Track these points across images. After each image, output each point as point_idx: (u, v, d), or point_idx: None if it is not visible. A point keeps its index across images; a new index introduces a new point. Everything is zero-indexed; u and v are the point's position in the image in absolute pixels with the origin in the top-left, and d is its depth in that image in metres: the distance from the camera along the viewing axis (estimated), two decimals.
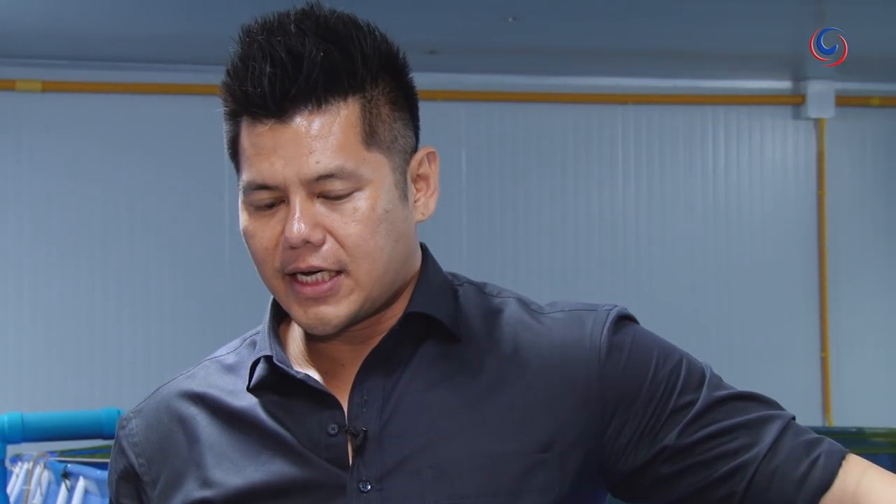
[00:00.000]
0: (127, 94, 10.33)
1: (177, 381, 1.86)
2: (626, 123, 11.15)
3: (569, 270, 10.73)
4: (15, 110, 10.15)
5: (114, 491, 1.85)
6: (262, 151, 1.68)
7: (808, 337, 11.24)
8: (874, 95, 11.36)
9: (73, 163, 10.21)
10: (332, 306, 1.70)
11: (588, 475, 1.75)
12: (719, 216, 11.21)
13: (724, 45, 10.27)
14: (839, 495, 1.69)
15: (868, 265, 11.37)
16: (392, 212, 1.70)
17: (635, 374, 1.75)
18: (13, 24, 9.31)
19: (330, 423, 1.73)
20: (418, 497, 1.70)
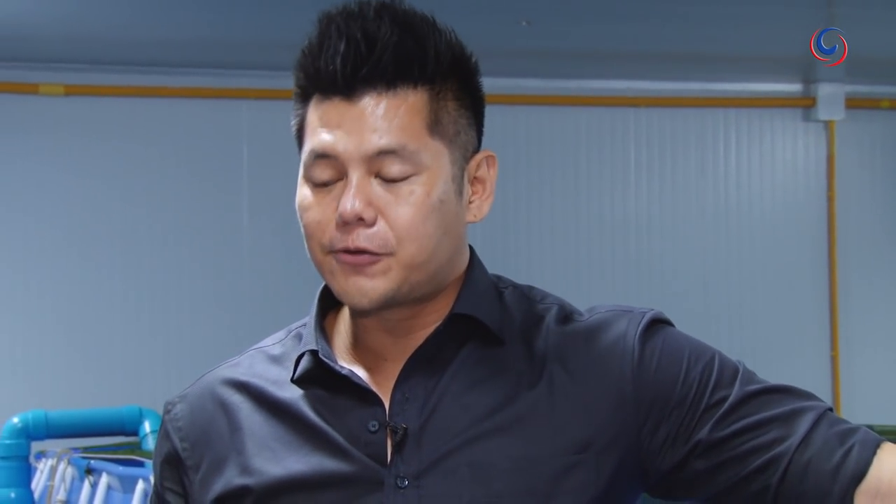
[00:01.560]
0: (146, 98, 10.35)
1: (221, 368, 1.86)
2: (639, 125, 11.15)
3: (582, 269, 10.74)
4: (38, 113, 10.18)
5: (157, 474, 1.85)
6: (328, 124, 1.68)
7: (818, 336, 11.25)
8: (884, 98, 11.37)
9: (95, 164, 10.23)
10: (370, 279, 1.69)
11: (624, 476, 1.74)
12: (730, 217, 11.21)
13: (734, 48, 10.27)
14: (875, 484, 1.67)
15: (877, 265, 11.38)
16: (446, 203, 1.70)
17: (668, 376, 1.74)
18: (36, 29, 9.33)
19: (371, 420, 1.73)
20: (454, 495, 1.70)
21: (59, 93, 10.22)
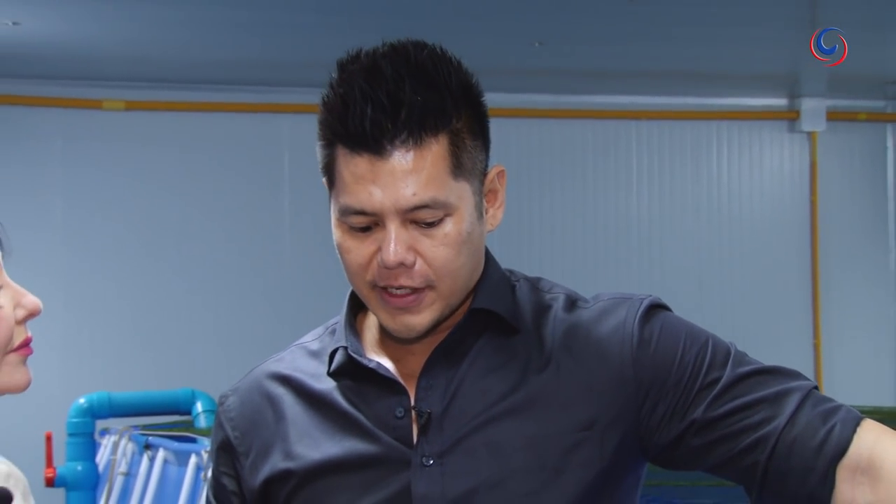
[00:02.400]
0: (198, 112, 10.37)
1: (267, 363, 1.86)
2: (640, 137, 11.14)
3: (588, 267, 10.73)
4: (101, 126, 10.21)
5: (214, 460, 1.86)
6: (361, 181, 1.65)
7: (802, 326, 11.23)
8: (861, 111, 11.34)
9: (153, 171, 10.26)
10: (416, 315, 1.70)
11: (626, 450, 1.74)
12: (722, 219, 11.20)
13: (726, 66, 10.26)
14: (855, 460, 1.65)
15: (856, 263, 11.35)
16: (472, 232, 1.70)
17: (665, 358, 1.73)
18: (100, 50, 9.36)
19: (398, 407, 1.73)
20: (474, 471, 1.70)
21: (120, 108, 10.25)
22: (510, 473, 1.69)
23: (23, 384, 1.64)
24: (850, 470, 1.66)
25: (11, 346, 1.62)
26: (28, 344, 1.64)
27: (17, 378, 1.64)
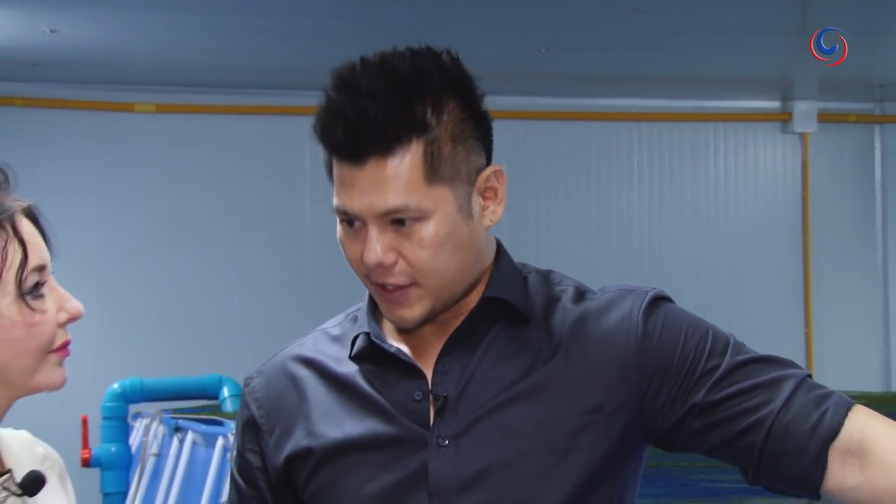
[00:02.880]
0: (224, 114, 10.39)
1: (291, 347, 1.86)
2: (641, 138, 11.12)
3: (592, 262, 10.72)
4: (133, 128, 10.22)
5: (239, 437, 1.86)
6: (344, 185, 1.68)
7: (794, 317, 11.21)
8: (851, 113, 11.30)
9: (181, 170, 10.27)
10: (407, 309, 1.71)
11: (630, 433, 1.74)
12: (719, 216, 11.18)
13: (722, 70, 10.25)
14: (846, 442, 1.65)
15: (845, 258, 11.32)
16: (453, 233, 1.69)
17: (668, 347, 1.73)
18: (132, 56, 9.37)
19: (416, 391, 1.74)
20: (487, 452, 1.70)
21: (151, 111, 10.26)
22: (521, 454, 1.69)
23: (58, 383, 1.65)
24: (842, 452, 1.66)
25: (52, 347, 1.62)
26: (66, 346, 1.64)
27: (54, 377, 1.64)
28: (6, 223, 1.60)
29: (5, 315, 1.58)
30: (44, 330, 1.61)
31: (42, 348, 1.62)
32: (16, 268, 1.59)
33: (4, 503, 1.63)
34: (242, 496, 1.83)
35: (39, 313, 1.61)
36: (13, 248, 1.59)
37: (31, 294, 1.60)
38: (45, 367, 1.63)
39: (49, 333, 1.62)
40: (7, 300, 1.58)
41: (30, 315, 1.60)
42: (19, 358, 1.60)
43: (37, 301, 1.61)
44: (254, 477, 1.82)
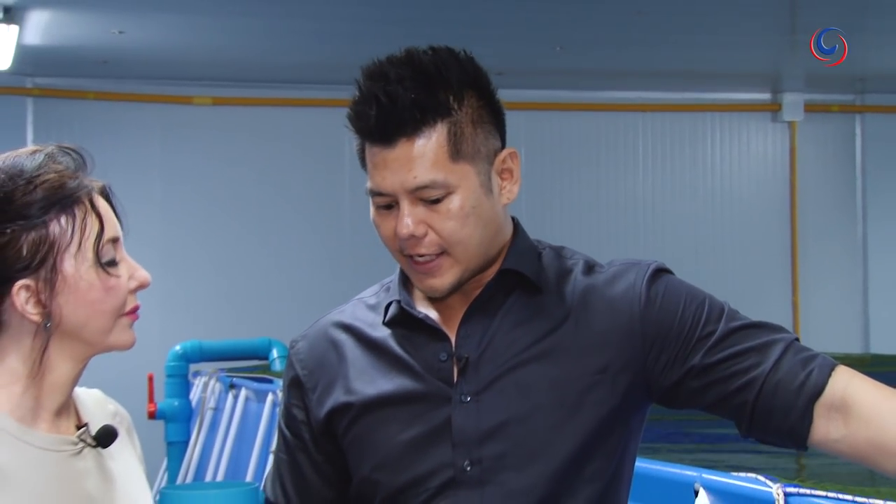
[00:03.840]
0: (274, 107, 10.40)
1: (332, 314, 1.86)
2: (644, 126, 11.09)
3: (602, 238, 10.70)
4: (191, 119, 10.25)
5: (286, 394, 1.86)
6: (377, 167, 1.68)
7: (782, 286, 11.18)
8: (834, 104, 11.25)
9: (236, 156, 10.30)
10: (438, 278, 1.71)
11: (634, 392, 1.73)
12: (715, 197, 11.15)
13: (718, 66, 10.21)
14: (830, 399, 1.64)
15: (828, 232, 11.28)
16: (478, 206, 1.69)
17: (668, 314, 1.72)
18: (190, 54, 9.40)
19: (441, 352, 1.73)
20: (504, 407, 1.70)
21: (208, 103, 10.27)
22: (536, 409, 1.69)
23: (129, 343, 1.65)
24: (826, 407, 1.65)
25: (124, 311, 1.63)
26: (136, 311, 1.65)
27: (125, 338, 1.65)
28: (85, 199, 1.60)
29: (84, 279, 1.59)
30: (118, 294, 1.61)
31: (116, 310, 1.62)
32: (93, 238, 1.59)
33: (81, 453, 1.63)
34: (289, 445, 1.84)
35: (114, 278, 1.61)
36: (91, 221, 1.60)
37: (107, 262, 1.61)
38: (117, 328, 1.63)
39: (122, 297, 1.62)
40: (86, 266, 1.59)
41: (106, 279, 1.60)
42: (96, 318, 1.61)
43: (111, 268, 1.61)
44: (299, 429, 1.82)
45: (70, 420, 1.66)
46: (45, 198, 1.57)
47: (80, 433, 1.64)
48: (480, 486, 1.68)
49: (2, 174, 1.58)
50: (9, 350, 1.60)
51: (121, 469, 1.69)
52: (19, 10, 7.87)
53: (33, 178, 1.58)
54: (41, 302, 1.57)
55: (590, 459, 1.70)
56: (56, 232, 1.57)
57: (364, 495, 1.75)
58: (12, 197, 1.56)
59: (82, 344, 1.62)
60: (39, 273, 1.57)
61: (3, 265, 1.56)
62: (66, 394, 1.64)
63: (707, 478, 2.29)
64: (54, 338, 1.59)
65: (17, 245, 1.56)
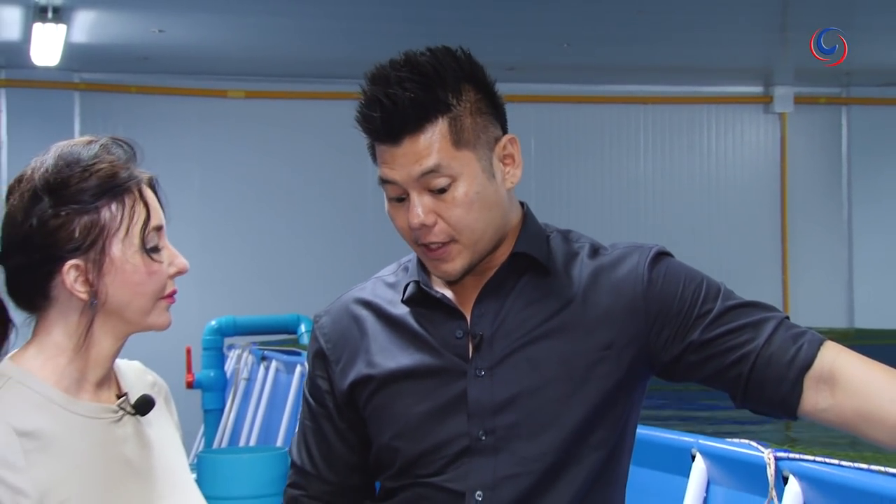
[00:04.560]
0: (303, 99, 10.40)
1: (353, 291, 1.85)
2: (647, 118, 11.06)
3: (606, 220, 10.68)
4: (226, 111, 10.26)
5: (310, 365, 1.85)
6: (386, 163, 1.68)
7: (772, 266, 11.16)
8: (822, 96, 11.20)
9: (266, 145, 10.31)
10: (449, 264, 1.69)
11: (637, 366, 1.72)
12: (711, 183, 11.12)
13: (714, 61, 10.20)
14: (819, 371, 1.63)
15: (816, 216, 11.25)
16: (482, 192, 1.67)
17: (669, 293, 1.71)
18: (225, 51, 9.40)
19: (457, 330, 1.72)
20: (516, 380, 1.69)
21: (241, 96, 10.28)
22: (546, 383, 1.68)
23: (165, 325, 1.66)
24: (815, 379, 1.64)
25: (163, 294, 1.63)
26: (173, 295, 1.65)
27: (162, 320, 1.65)
28: (134, 188, 1.61)
29: (130, 262, 1.59)
30: (159, 278, 1.62)
31: (156, 293, 1.62)
32: (140, 225, 1.60)
33: (121, 421, 1.63)
34: (314, 413, 1.83)
35: (157, 263, 1.61)
36: (139, 209, 1.60)
37: (151, 248, 1.61)
38: (156, 310, 1.63)
39: (162, 281, 1.62)
40: (132, 250, 1.59)
41: (149, 264, 1.60)
42: (137, 299, 1.61)
43: (154, 254, 1.62)
44: (323, 398, 1.81)
45: (111, 390, 1.66)
46: (98, 185, 1.58)
47: (120, 402, 1.65)
48: (494, 453, 1.67)
49: (60, 161, 1.59)
50: (56, 324, 1.61)
51: (158, 435, 1.69)
52: (67, 10, 7.90)
53: (88, 167, 1.58)
54: (89, 281, 1.58)
55: (595, 429, 1.69)
56: (106, 217, 1.58)
57: (384, 461, 1.75)
58: (68, 183, 1.57)
59: (124, 322, 1.62)
60: (89, 254, 1.57)
61: (55, 245, 1.56)
62: (107, 367, 1.64)
63: (703, 443, 2.29)
64: (98, 315, 1.59)
65: (70, 227, 1.57)
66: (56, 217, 1.56)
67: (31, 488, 1.49)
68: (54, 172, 1.58)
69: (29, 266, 1.58)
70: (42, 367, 1.59)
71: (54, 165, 1.58)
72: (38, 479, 1.50)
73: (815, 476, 1.90)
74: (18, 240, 1.57)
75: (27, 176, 1.59)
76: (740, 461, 2.13)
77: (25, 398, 1.55)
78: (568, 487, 1.67)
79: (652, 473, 2.40)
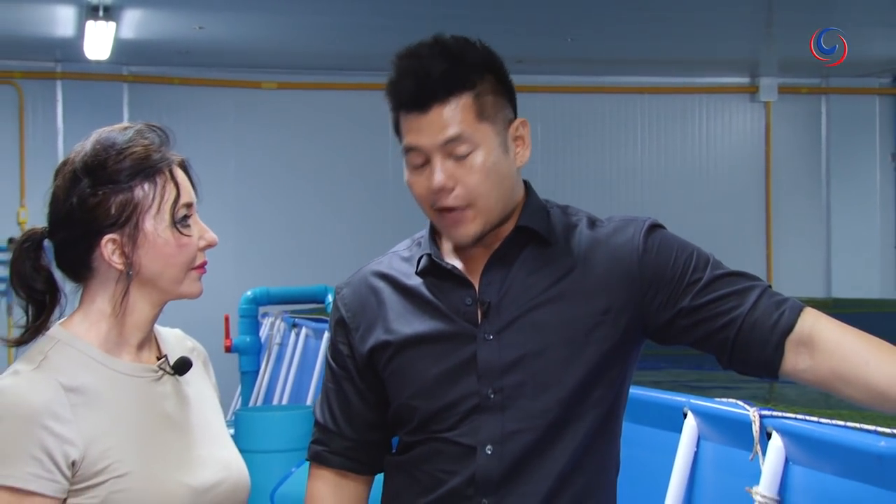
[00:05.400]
0: (331, 90, 10.39)
1: (371, 265, 1.84)
2: (643, 107, 11.02)
3: (606, 199, 10.66)
4: (260, 101, 10.25)
5: (332, 332, 1.84)
6: (412, 131, 1.66)
7: (757, 239, 11.14)
8: (803, 86, 11.14)
9: (296, 130, 10.31)
10: (463, 228, 1.68)
11: (632, 330, 1.71)
12: (702, 165, 11.09)
13: (706, 54, 10.17)
14: (799, 335, 1.62)
15: (797, 194, 11.22)
16: (498, 163, 1.67)
17: (662, 262, 1.70)
18: (260, 46, 9.40)
19: (467, 298, 1.71)
20: (522, 343, 1.68)
21: (273, 87, 10.27)
22: (549, 345, 1.67)
23: (196, 293, 1.67)
24: (795, 343, 1.63)
25: (193, 265, 1.63)
26: (204, 266, 1.66)
27: (194, 288, 1.66)
28: (165, 169, 1.61)
29: (161, 236, 1.60)
30: (188, 250, 1.62)
31: (186, 264, 1.63)
32: (171, 202, 1.61)
33: (160, 380, 1.64)
34: (336, 376, 1.82)
35: (186, 237, 1.62)
36: (170, 188, 1.61)
37: (181, 223, 1.62)
38: (187, 280, 1.64)
39: (192, 253, 1.63)
40: (163, 225, 1.60)
41: (178, 238, 1.61)
42: (169, 270, 1.62)
43: (184, 229, 1.62)
44: (344, 362, 1.81)
45: (151, 352, 1.67)
46: (132, 167, 1.59)
47: (160, 363, 1.66)
48: (502, 410, 1.67)
49: (98, 145, 1.60)
50: (98, 293, 1.63)
51: (196, 394, 1.70)
52: (116, 9, 7.93)
53: (123, 150, 1.59)
54: (124, 253, 1.59)
55: (594, 387, 1.68)
56: (140, 196, 1.59)
57: (403, 418, 1.74)
58: (105, 165, 1.59)
59: (158, 291, 1.63)
60: (124, 229, 1.58)
61: (94, 221, 1.58)
62: (146, 331, 1.65)
63: (694, 403, 2.28)
64: (134, 284, 1.61)
65: (107, 205, 1.58)
66: (94, 196, 1.57)
67: (77, 438, 1.51)
68: (92, 156, 1.59)
69: (72, 240, 1.59)
70: (87, 331, 1.61)
71: (93, 149, 1.60)
72: (84, 429, 1.52)
73: (795, 432, 1.89)
74: (62, 217, 1.59)
75: (70, 159, 1.61)
76: (728, 419, 2.12)
77: (72, 358, 1.57)
78: (569, 441, 1.67)
79: (648, 430, 2.40)
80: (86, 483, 1.51)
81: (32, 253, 1.61)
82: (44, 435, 1.48)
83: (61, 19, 8.31)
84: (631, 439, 1.76)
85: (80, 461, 1.50)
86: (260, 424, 4.15)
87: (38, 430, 1.48)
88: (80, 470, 1.50)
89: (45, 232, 1.62)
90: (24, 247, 1.61)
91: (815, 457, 1.85)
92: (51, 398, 1.50)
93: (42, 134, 9.70)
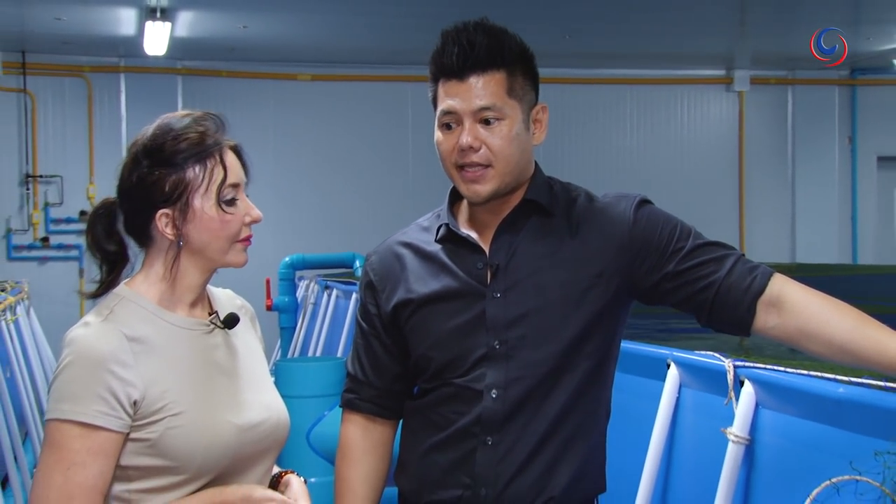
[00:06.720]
0: (359, 82, 10.34)
1: (396, 235, 1.85)
2: (633, 97, 10.94)
3: (599, 179, 10.61)
4: (296, 92, 10.21)
5: (361, 294, 1.85)
6: (450, 95, 1.66)
7: (731, 214, 11.10)
8: (772, 78, 11.06)
9: (329, 117, 10.27)
10: (481, 185, 1.68)
11: (622, 292, 1.71)
12: (683, 150, 11.03)
13: (687, 49, 10.10)
14: (769, 297, 1.63)
15: (766, 173, 11.16)
16: (520, 135, 1.67)
17: (649, 232, 1.70)
18: (296, 42, 9.37)
19: (478, 261, 1.72)
20: (525, 302, 1.68)
21: (308, 79, 10.23)
22: (549, 304, 1.68)
23: (240, 263, 1.66)
24: (766, 304, 1.63)
25: (238, 238, 1.63)
26: (248, 239, 1.65)
27: (238, 259, 1.65)
28: (216, 153, 1.61)
29: (207, 213, 1.60)
30: (232, 226, 1.61)
31: (230, 237, 1.62)
32: (218, 183, 1.60)
33: (212, 332, 1.65)
34: (364, 333, 1.84)
35: (230, 214, 1.61)
36: (218, 170, 1.60)
37: (226, 202, 1.61)
38: (232, 251, 1.64)
39: (236, 228, 1.62)
40: (210, 203, 1.60)
41: (223, 215, 1.61)
42: (215, 241, 1.62)
43: (230, 206, 1.61)
44: (372, 320, 1.82)
45: (204, 309, 1.68)
46: (186, 150, 1.59)
47: (212, 318, 1.67)
48: (506, 359, 1.68)
49: (157, 130, 1.61)
50: (156, 258, 1.64)
51: (243, 346, 1.71)
52: (172, 10, 7.93)
53: (179, 135, 1.59)
54: (176, 226, 1.59)
55: (588, 341, 1.68)
56: (191, 176, 1.59)
57: (421, 367, 1.75)
58: (163, 147, 1.59)
59: (206, 259, 1.63)
60: (176, 205, 1.59)
61: (150, 197, 1.59)
62: (197, 292, 1.66)
63: (676, 355, 2.28)
64: (184, 253, 1.61)
65: (163, 183, 1.59)
66: (151, 175, 1.58)
67: (138, 380, 1.52)
68: (152, 139, 1.60)
69: (133, 212, 1.60)
70: (147, 290, 1.62)
71: (153, 133, 1.60)
72: (144, 373, 1.53)
73: (765, 380, 1.90)
74: (126, 191, 1.61)
75: (136, 141, 1.62)
76: (706, 369, 2.12)
77: (134, 312, 1.58)
78: (566, 387, 1.67)
79: (636, 379, 2.40)
80: (146, 420, 1.52)
81: (105, 219, 1.63)
82: (110, 378, 1.49)
83: (124, 20, 8.31)
84: (621, 387, 1.77)
85: (141, 401, 1.51)
86: (297, 373, 4.16)
87: (105, 373, 1.49)
88: (141, 409, 1.52)
89: (116, 202, 1.63)
90: (99, 213, 1.63)
91: (782, 401, 1.85)
92: (116, 346, 1.52)
93: (108, 121, 9.73)
